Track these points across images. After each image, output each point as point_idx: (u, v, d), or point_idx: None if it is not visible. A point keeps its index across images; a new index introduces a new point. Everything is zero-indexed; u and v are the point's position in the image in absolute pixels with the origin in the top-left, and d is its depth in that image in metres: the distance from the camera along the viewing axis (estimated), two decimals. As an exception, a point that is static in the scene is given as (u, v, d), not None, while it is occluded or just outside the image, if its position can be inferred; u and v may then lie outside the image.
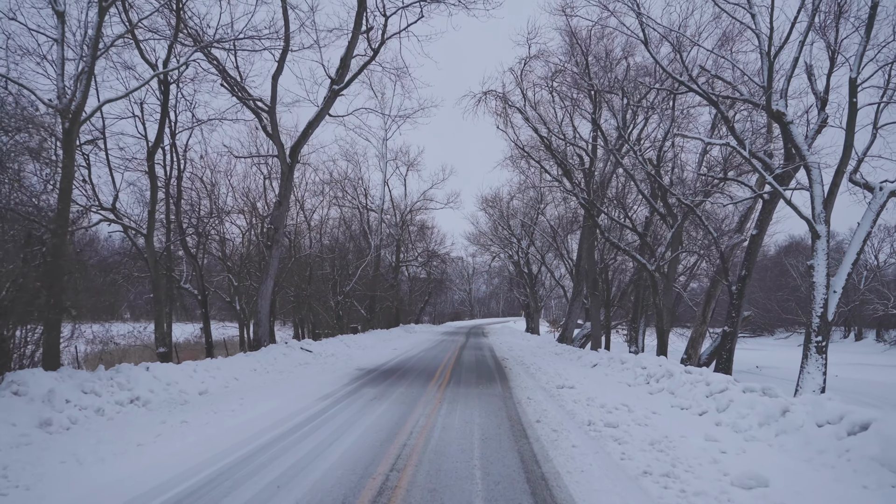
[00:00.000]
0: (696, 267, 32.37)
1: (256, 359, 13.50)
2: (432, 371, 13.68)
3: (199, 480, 4.75)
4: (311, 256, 23.13)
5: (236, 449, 5.78)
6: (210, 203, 16.29)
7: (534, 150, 24.85)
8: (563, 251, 32.39)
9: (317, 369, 13.48)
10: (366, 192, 33.10)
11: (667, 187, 18.00)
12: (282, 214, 16.08)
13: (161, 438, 6.14)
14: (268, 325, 16.66)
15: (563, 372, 13.89)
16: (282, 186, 15.88)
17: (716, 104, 16.61)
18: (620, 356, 15.19)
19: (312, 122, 15.43)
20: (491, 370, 14.27)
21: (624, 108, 18.40)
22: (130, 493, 4.42)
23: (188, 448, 5.78)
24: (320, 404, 8.70)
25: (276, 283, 21.21)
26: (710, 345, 21.75)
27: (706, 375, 10.51)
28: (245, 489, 4.52)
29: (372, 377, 12.23)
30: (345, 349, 19.30)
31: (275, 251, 16.11)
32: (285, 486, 4.60)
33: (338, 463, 5.30)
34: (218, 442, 6.02)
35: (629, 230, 21.51)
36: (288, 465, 5.20)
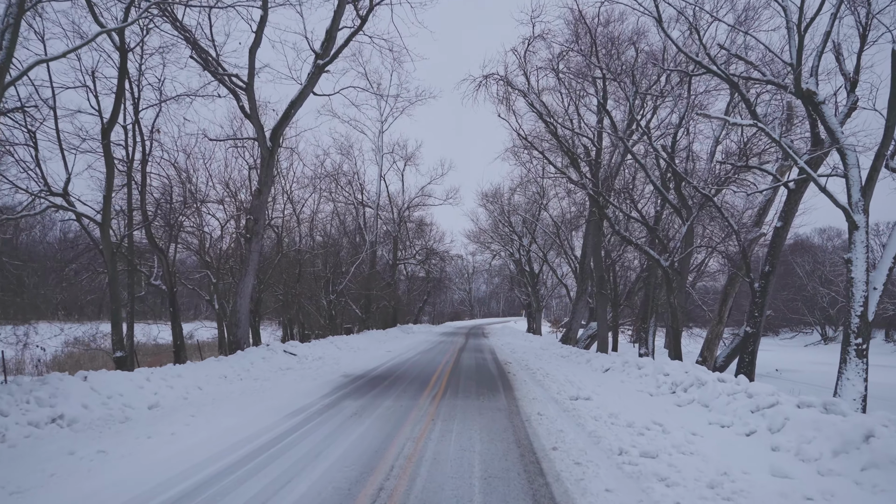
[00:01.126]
0: (705, 264, 30.77)
1: (229, 364, 11.91)
2: (427, 378, 12.09)
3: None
4: (301, 252, 21.55)
5: (145, 501, 4.19)
6: (184, 191, 14.71)
7: (537, 140, 23.27)
8: (567, 248, 30.80)
9: (297, 376, 11.89)
10: (361, 187, 31.52)
11: (683, 175, 16.42)
12: (262, 204, 14.50)
13: (54, 480, 4.54)
14: (248, 325, 15.08)
15: (574, 378, 12.30)
16: (262, 173, 14.29)
17: (735, 86, 15.04)
18: (636, 360, 13.61)
19: (295, 101, 13.84)
20: (493, 376, 12.67)
21: (633, 94, 16.81)
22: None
23: (79, 500, 4.19)
24: (288, 423, 7.10)
25: (261, 281, 19.62)
26: (727, 346, 20.19)
27: (745, 385, 8.94)
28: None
29: (357, 385, 10.64)
30: (334, 352, 17.71)
31: (254, 244, 14.53)
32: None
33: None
34: (124, 487, 4.42)
35: (639, 223, 19.91)
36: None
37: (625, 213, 19.37)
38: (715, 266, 36.69)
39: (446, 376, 12.41)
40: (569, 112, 20.07)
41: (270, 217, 19.95)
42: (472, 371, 13.71)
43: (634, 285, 28.11)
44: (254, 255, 14.58)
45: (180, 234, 15.37)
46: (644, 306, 23.01)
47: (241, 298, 14.77)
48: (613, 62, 17.09)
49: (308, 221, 21.84)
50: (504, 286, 60.15)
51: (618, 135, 18.43)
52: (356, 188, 31.49)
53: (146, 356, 15.01)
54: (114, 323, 10.83)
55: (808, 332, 59.17)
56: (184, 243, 16.31)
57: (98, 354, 13.12)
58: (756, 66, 15.79)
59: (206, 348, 18.60)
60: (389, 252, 36.06)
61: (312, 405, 8.42)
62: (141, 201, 12.29)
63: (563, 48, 17.88)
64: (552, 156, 24.02)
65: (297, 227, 21.13)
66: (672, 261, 18.23)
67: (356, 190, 31.54)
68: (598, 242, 24.81)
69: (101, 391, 7.92)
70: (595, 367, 15.34)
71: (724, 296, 20.39)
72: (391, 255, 35.72)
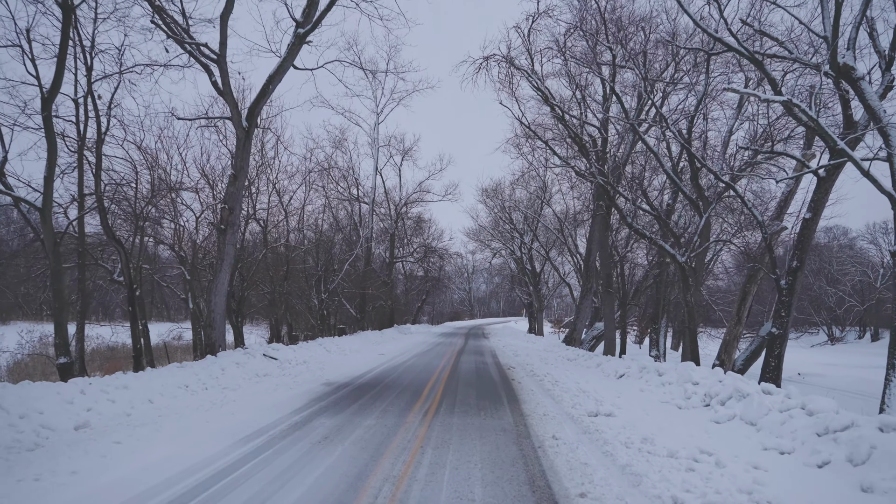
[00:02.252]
0: (714, 261, 29.18)
1: (195, 371, 10.34)
2: (420, 386, 10.51)
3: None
4: (290, 248, 19.99)
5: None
6: (152, 177, 13.13)
7: (540, 130, 21.73)
8: (571, 245, 29.24)
9: (272, 384, 10.31)
10: (356, 182, 29.94)
11: (702, 161, 14.85)
12: (238, 191, 12.93)
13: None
14: (224, 326, 13.52)
15: (587, 387, 10.73)
16: (237, 156, 12.72)
17: (760, 64, 13.49)
18: (655, 365, 12.05)
19: (274, 75, 12.27)
20: (495, 385, 11.10)
21: (644, 76, 15.25)
22: None
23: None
24: (237, 451, 5.54)
25: (244, 278, 18.06)
26: (746, 349, 18.62)
27: (799, 399, 7.39)
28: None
29: (339, 397, 9.06)
30: (322, 355, 16.13)
31: (230, 237, 12.96)
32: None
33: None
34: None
35: (650, 216, 18.33)
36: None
37: (635, 205, 17.80)
38: (728, 261, 35.06)
39: (442, 384, 10.84)
40: (575, 96, 18.52)
41: (255, 209, 18.41)
42: (471, 377, 12.15)
43: (642, 283, 26.52)
44: (229, 249, 13.01)
45: (148, 225, 13.80)
46: (655, 306, 21.44)
47: (217, 296, 13.21)
48: (623, 38, 15.55)
49: (296, 214, 20.28)
50: (504, 286, 58.58)
51: (629, 121, 16.86)
52: (351, 183, 29.94)
53: (105, 361, 13.43)
54: (57, 324, 9.25)
55: (814, 333, 57.46)
56: (155, 236, 14.76)
57: (42, 361, 11.57)
58: (782, 42, 14.24)
59: (181, 352, 17.06)
60: (386, 250, 34.48)
61: (277, 424, 6.84)
62: (95, 186, 10.73)
63: (569, 25, 16.33)
64: (556, 146, 22.48)
65: (285, 221, 19.56)
66: (689, 256, 16.71)
67: (351, 185, 30.00)
68: (604, 238, 23.27)
69: (13, 409, 6.35)
70: (607, 372, 13.79)
71: (742, 294, 18.83)
72: (388, 253, 34.14)
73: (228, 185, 12.83)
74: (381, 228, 34.26)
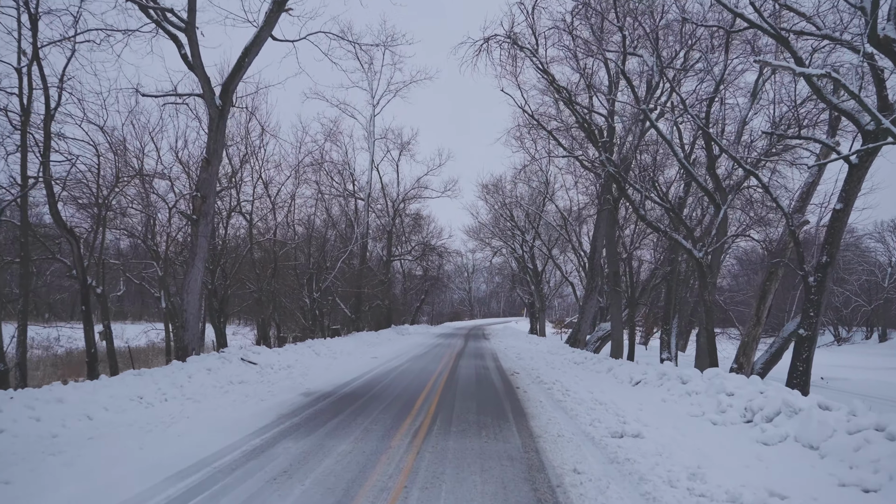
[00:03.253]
0: (723, 258, 27.77)
1: (154, 379, 8.96)
2: (412, 396, 9.14)
3: None
4: (277, 243, 18.62)
5: None
6: (116, 162, 11.74)
7: (543, 119, 20.38)
8: (577, 241, 27.86)
9: (241, 395, 8.93)
10: (352, 177, 28.56)
11: (724, 147, 13.47)
12: (211, 177, 11.55)
13: None
14: (198, 327, 12.15)
15: (601, 396, 9.36)
16: (210, 139, 11.35)
17: (786, 42, 12.13)
18: (677, 372, 10.70)
19: (250, 47, 10.90)
20: (498, 394, 9.72)
21: (658, 54, 13.88)
22: None
23: None
24: (162, 495, 4.16)
25: (227, 275, 16.69)
26: (766, 351, 17.24)
27: (870, 416, 6.04)
28: None
29: (315, 411, 7.68)
30: (310, 359, 14.76)
31: (202, 228, 11.59)
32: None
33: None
34: None
35: (663, 209, 16.94)
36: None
37: (647, 197, 16.40)
38: (733, 259, 33.67)
39: (438, 394, 9.46)
40: (583, 78, 17.14)
41: (239, 201, 17.03)
42: (471, 385, 10.76)
43: (649, 282, 25.15)
44: (202, 242, 11.64)
45: (114, 216, 12.42)
46: (665, 304, 20.05)
47: (190, 294, 11.84)
48: (636, 13, 14.18)
49: (285, 207, 18.87)
50: (505, 285, 57.18)
51: (639, 107, 15.47)
52: (346, 178, 28.57)
53: (57, 369, 12.04)
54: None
55: (820, 333, 55.53)
56: (124, 228, 13.40)
57: None
58: (809, 17, 12.85)
59: (154, 355, 15.69)
60: (383, 248, 33.10)
61: (230, 451, 5.47)
62: (43, 169, 9.39)
63: (577, 2, 14.95)
64: (560, 137, 21.13)
65: (273, 214, 18.20)
66: (706, 251, 15.36)
67: (346, 180, 28.62)
68: (612, 233, 21.90)
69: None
70: (621, 378, 12.42)
71: (761, 293, 17.44)
72: (385, 251, 32.76)
73: (201, 170, 11.47)
74: (379, 225, 32.91)
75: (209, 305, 15.95)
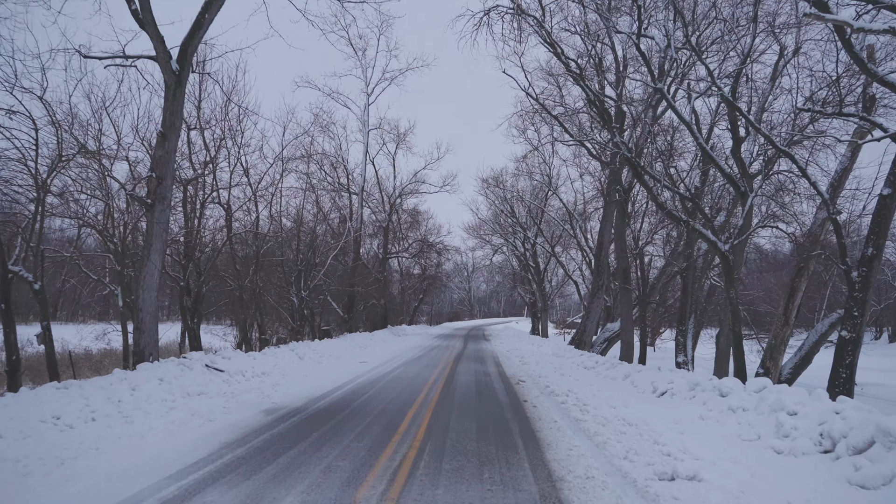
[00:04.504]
0: (745, 253, 25.91)
1: (84, 394, 7.25)
2: (398, 414, 7.43)
3: None
4: (260, 236, 16.91)
5: None
6: (59, 137, 10.03)
7: (548, 104, 18.69)
8: (582, 237, 26.15)
9: (188, 413, 7.22)
10: (346, 169, 26.84)
11: (756, 125, 11.76)
12: (168, 154, 9.85)
13: None
14: (156, 328, 10.46)
15: (626, 412, 7.66)
16: (166, 110, 9.67)
17: (825, 6, 10.45)
18: (714, 383, 9.00)
19: (210, 1, 9.21)
20: (502, 410, 8.01)
21: (680, 12, 12.19)
22: None
23: None
24: None
25: (200, 272, 14.98)
26: (795, 354, 15.53)
27: None
28: None
29: (270, 438, 5.98)
30: (290, 364, 13.06)
31: (159, 214, 9.89)
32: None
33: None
34: None
35: (681, 198, 15.21)
36: None
37: (664, 185, 14.69)
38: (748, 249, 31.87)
39: (430, 410, 7.75)
40: (592, 58, 15.47)
41: (216, 187, 15.31)
42: (470, 398, 9.06)
43: (658, 279, 23.43)
44: (159, 230, 9.94)
45: (58, 200, 10.75)
46: (681, 304, 18.33)
47: (146, 292, 10.15)
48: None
49: (268, 198, 17.15)
50: (506, 284, 55.43)
51: (655, 85, 13.78)
52: (340, 171, 26.86)
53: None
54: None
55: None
56: (74, 216, 11.69)
57: None
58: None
59: (110, 361, 13.98)
60: (379, 245, 31.40)
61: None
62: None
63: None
64: (566, 124, 19.44)
65: (254, 204, 16.46)
66: (732, 244, 13.71)
67: (340, 173, 26.92)
68: (621, 227, 20.19)
69: None
70: (641, 387, 10.73)
71: (790, 290, 15.70)
72: (381, 249, 31.06)
73: (156, 146, 9.77)
74: (374, 221, 31.21)
75: (181, 304, 14.27)
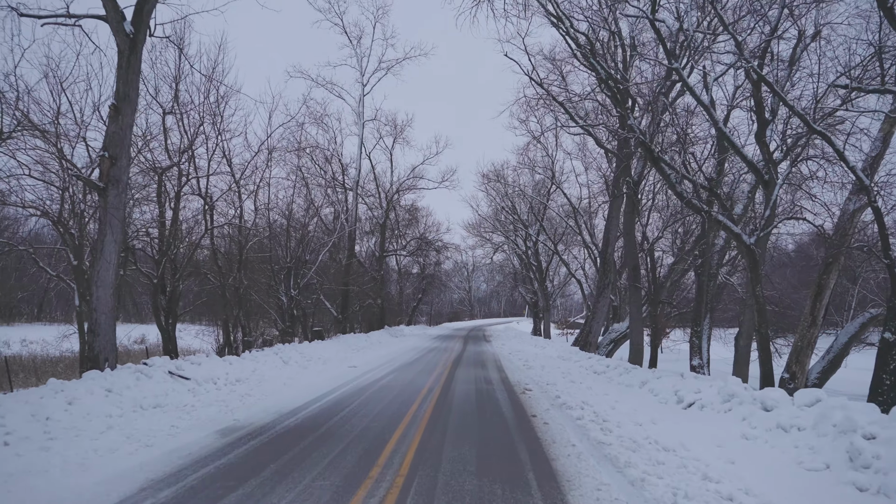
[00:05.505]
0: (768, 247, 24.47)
1: (5, 409, 5.93)
2: (381, 436, 6.09)
3: None
4: (243, 230, 15.56)
5: None
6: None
7: (553, 89, 17.37)
8: (588, 234, 24.81)
9: (124, 435, 5.88)
10: (340, 162, 25.49)
11: (789, 102, 10.41)
12: (123, 132, 8.52)
13: None
14: (113, 330, 9.13)
15: (658, 433, 6.31)
16: (119, 79, 8.35)
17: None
18: (754, 394, 7.68)
19: (167, -50, 7.87)
20: (508, 430, 6.67)
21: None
22: None
23: None
24: None
25: (176, 268, 13.62)
26: (822, 357, 14.16)
27: None
28: None
29: (213, 471, 4.63)
30: (272, 369, 11.73)
31: (114, 198, 8.57)
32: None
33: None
34: None
35: (702, 189, 13.85)
36: None
37: (682, 175, 13.34)
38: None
39: (420, 431, 6.41)
40: (597, 38, 14.13)
41: (195, 173, 13.95)
42: (469, 412, 7.72)
43: (667, 277, 22.07)
44: (113, 218, 8.62)
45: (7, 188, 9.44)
46: (696, 303, 16.97)
47: (100, 288, 8.83)
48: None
49: (253, 188, 15.77)
50: (506, 284, 54.02)
51: (671, 65, 12.42)
52: (336, 166, 25.49)
53: None
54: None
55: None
56: (32, 204, 10.34)
57: None
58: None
59: (66, 367, 12.63)
60: (376, 243, 30.05)
61: None
62: None
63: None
64: (571, 112, 18.11)
65: (238, 196, 15.04)
66: (758, 236, 12.42)
67: (336, 168, 25.55)
68: (630, 222, 18.85)
69: None
70: (664, 397, 9.40)
71: (817, 288, 14.30)
72: (378, 246, 29.70)
73: (108, 121, 8.44)
74: (371, 218, 29.87)
75: (154, 303, 12.95)
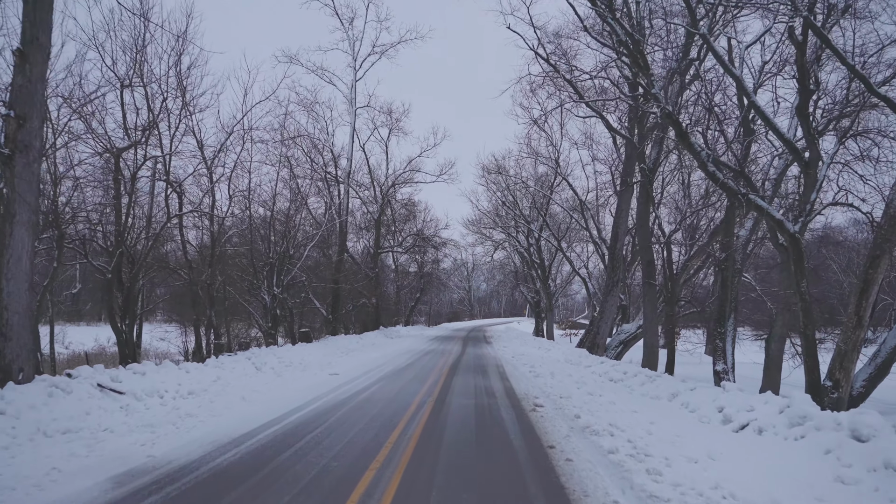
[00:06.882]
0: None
1: None
2: (348, 479, 4.31)
3: None
4: (219, 221, 13.78)
5: None
6: None
7: (561, 65, 15.63)
8: (595, 229, 23.05)
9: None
10: (332, 154, 23.72)
11: (851, 64, 8.62)
12: (33, 85, 6.76)
13: None
14: (28, 334, 7.36)
15: (725, 476, 4.52)
16: (25, 18, 6.59)
17: None
18: (848, 421, 6.17)
19: None
20: (518, 470, 4.88)
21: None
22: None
23: None
24: None
25: (133, 261, 11.84)
26: (868, 363, 12.26)
27: None
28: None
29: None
30: (238, 377, 9.94)
31: (22, 169, 6.83)
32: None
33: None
34: None
35: (730, 170, 12.07)
36: None
37: (712, 156, 11.56)
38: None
39: (401, 470, 4.62)
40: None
41: (163, 154, 12.15)
42: (467, 441, 5.93)
43: (681, 273, 20.26)
44: (25, 191, 6.86)
45: None
46: (720, 302, 15.19)
47: (11, 282, 7.06)
48: None
49: (226, 176, 14.00)
50: (507, 283, 52.22)
51: (697, 30, 10.64)
52: (327, 157, 23.72)
53: None
54: None
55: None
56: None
57: None
58: None
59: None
60: (371, 239, 28.27)
61: None
62: None
63: None
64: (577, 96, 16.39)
65: (209, 179, 13.23)
66: (803, 223, 10.68)
67: (327, 159, 23.78)
68: (645, 214, 17.13)
69: None
70: (704, 414, 7.64)
71: (863, 284, 12.36)
72: (373, 243, 27.93)
73: (14, 72, 6.68)
74: (365, 213, 28.11)
75: (108, 302, 11.21)
